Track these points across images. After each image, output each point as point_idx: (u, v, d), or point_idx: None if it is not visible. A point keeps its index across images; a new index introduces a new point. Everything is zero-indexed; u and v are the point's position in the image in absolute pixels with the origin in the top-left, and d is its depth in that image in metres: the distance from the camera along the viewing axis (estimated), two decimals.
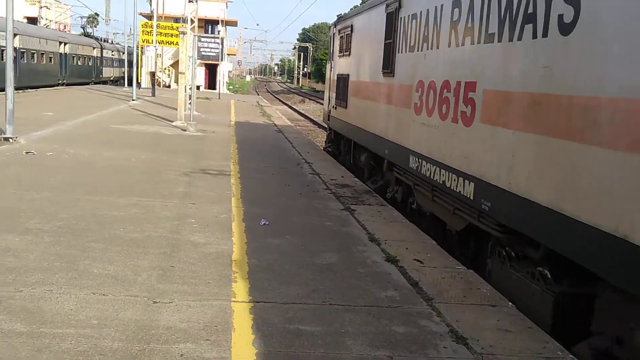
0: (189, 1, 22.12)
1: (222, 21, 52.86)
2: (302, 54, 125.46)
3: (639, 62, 4.13)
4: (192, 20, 22.37)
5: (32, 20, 52.30)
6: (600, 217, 4.41)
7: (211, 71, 52.85)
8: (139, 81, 44.01)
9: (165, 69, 52.29)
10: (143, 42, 39.97)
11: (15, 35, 30.25)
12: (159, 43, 34.97)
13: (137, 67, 37.18)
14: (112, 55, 58.98)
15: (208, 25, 54.16)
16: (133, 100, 30.24)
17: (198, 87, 42.90)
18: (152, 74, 41.29)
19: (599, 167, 4.49)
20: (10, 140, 13.24)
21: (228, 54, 59.55)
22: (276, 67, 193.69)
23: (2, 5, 14.38)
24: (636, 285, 4.01)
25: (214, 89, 48.43)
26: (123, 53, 62.78)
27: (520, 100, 5.71)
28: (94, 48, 50.86)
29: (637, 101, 4.11)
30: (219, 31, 51.75)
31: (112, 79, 57.89)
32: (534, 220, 5.33)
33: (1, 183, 9.11)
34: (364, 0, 10.53)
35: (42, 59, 36.65)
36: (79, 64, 46.16)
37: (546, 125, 5.22)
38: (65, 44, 41.96)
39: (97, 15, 71.70)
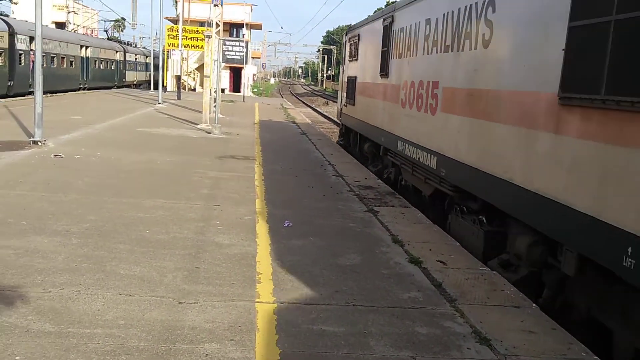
0: (214, 5, 22.30)
1: (246, 24, 53.21)
2: (326, 56, 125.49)
3: (521, 67, 6.30)
4: (217, 24, 22.56)
5: (60, 25, 53.15)
6: (500, 170, 6.55)
7: (236, 74, 53.16)
8: (165, 85, 44.47)
9: (190, 72, 52.71)
10: (169, 45, 40.36)
11: (32, 38, 30.54)
12: (185, 47, 35.29)
13: (163, 71, 37.55)
14: (136, 58, 58.77)
15: (233, 28, 54.48)
16: (159, 103, 30.59)
17: (223, 90, 43.21)
18: (178, 78, 41.64)
19: (500, 136, 6.66)
20: (39, 143, 13.49)
21: (252, 57, 59.88)
22: (300, 70, 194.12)
23: (30, 10, 14.65)
24: (527, 215, 6.01)
25: (239, 91, 48.71)
26: (147, 57, 63.16)
27: (462, 94, 7.92)
28: (116, 52, 50.54)
29: (518, 92, 6.30)
30: (243, 34, 52.09)
31: (135, 82, 57.61)
32: (471, 180, 7.45)
33: (31, 186, 9.30)
34: (379, 8, 11.65)
35: (62, 62, 36.03)
36: (101, 67, 45.78)
37: (474, 110, 7.45)
38: (86, 47, 41.65)
39: (124, 19, 72.64)
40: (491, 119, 6.92)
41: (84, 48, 40.84)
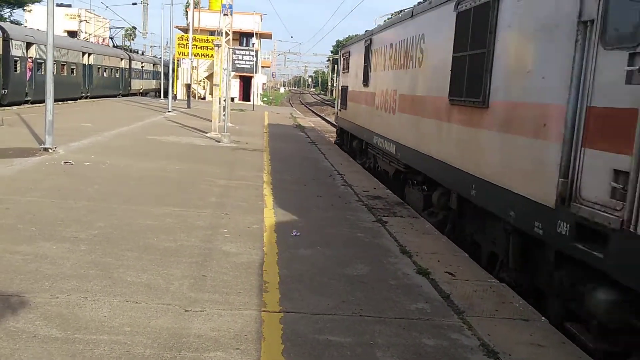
0: (224, 14, 22.40)
1: (256, 34, 53.47)
2: (335, 65, 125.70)
3: (434, 81, 9.32)
4: (226, 33, 22.66)
5: (72, 34, 53.51)
6: (426, 149, 9.61)
7: (245, 83, 53.37)
8: (175, 93, 44.64)
9: (200, 81, 52.96)
10: (179, 54, 40.54)
11: (30, 44, 29.49)
12: (195, 55, 35.38)
13: (173, 80, 37.69)
14: (142, 66, 57.57)
15: (243, 37, 54.75)
16: (168, 111, 30.74)
17: (232, 99, 43.35)
18: (188, 86, 41.86)
19: (425, 126, 9.80)
20: (50, 150, 13.57)
21: (262, 66, 60.14)
22: (310, 79, 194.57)
23: (44, 18, 14.77)
24: (437, 176, 9.05)
25: (248, 100, 48.86)
26: (155, 65, 62.90)
27: (408, 99, 11.10)
28: (121, 59, 49.21)
29: (434, 97, 9.34)
30: (253, 44, 52.35)
31: (141, 91, 56.42)
32: (414, 159, 10.54)
33: (41, 192, 9.35)
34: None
35: (62, 70, 34.08)
36: (104, 75, 44.31)
37: (414, 110, 10.58)
38: (89, 54, 40.20)
39: (135, 28, 73.13)
40: (422, 115, 10.10)
41: (86, 55, 39.60)
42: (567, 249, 5.28)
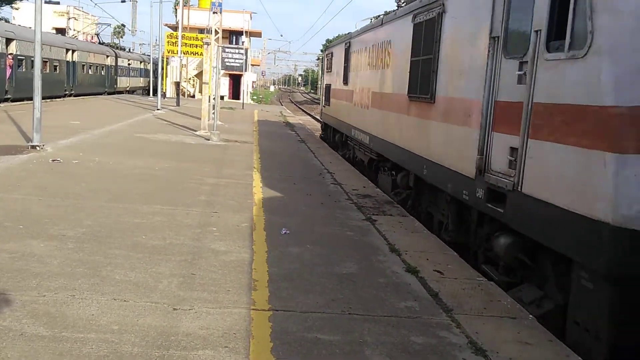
0: (213, 12, 22.36)
1: (246, 32, 53.35)
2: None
3: (397, 80, 11.03)
4: (216, 31, 22.61)
5: (61, 31, 53.16)
6: (392, 138, 11.26)
7: (235, 81, 53.25)
8: (164, 91, 44.45)
9: (189, 79, 52.80)
10: (168, 52, 40.40)
11: (10, 40, 28.18)
12: (184, 53, 35.32)
13: (163, 78, 37.50)
14: (129, 64, 56.47)
15: (232, 36, 54.64)
16: (158, 109, 30.61)
17: (222, 97, 43.26)
18: (177, 84, 41.72)
19: (391, 119, 11.40)
20: (38, 148, 13.48)
21: (252, 65, 60.00)
22: (300, 78, 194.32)
23: (31, 15, 14.65)
24: (400, 160, 10.78)
25: (238, 99, 48.80)
26: (142, 62, 62.07)
27: (379, 96, 12.77)
28: (107, 56, 47.93)
29: (397, 94, 10.99)
30: (243, 42, 52.22)
31: (128, 89, 55.39)
32: (383, 148, 12.20)
33: (28, 190, 9.28)
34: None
35: (45, 67, 32.06)
36: (89, 72, 42.97)
37: (383, 105, 12.32)
38: (73, 51, 38.73)
39: (124, 26, 72.77)
40: (389, 110, 11.77)
41: (70, 52, 38.18)
42: (482, 209, 6.98)
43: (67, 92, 37.68)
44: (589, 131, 5.07)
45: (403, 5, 11.87)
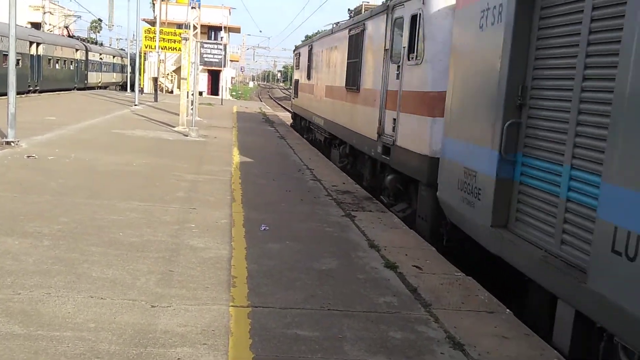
0: (192, 7, 22.19)
1: (225, 27, 53.01)
2: None
3: (340, 76, 14.96)
4: (194, 26, 22.44)
5: (36, 26, 52.29)
6: (338, 120, 15.22)
7: (214, 77, 52.93)
8: (142, 86, 43.99)
9: (168, 74, 52.34)
10: (146, 47, 39.93)
11: None
12: (162, 49, 34.92)
13: (140, 73, 37.07)
14: (101, 58, 53.55)
15: (211, 31, 54.25)
16: (135, 105, 30.33)
17: (200, 93, 42.94)
18: (155, 80, 41.33)
19: (337, 105, 15.33)
20: (12, 144, 13.27)
21: (231, 60, 59.64)
22: (279, 74, 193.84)
23: (5, 10, 14.40)
24: (342, 135, 14.76)
25: (217, 94, 48.49)
26: (115, 57, 60.43)
27: (330, 88, 16.38)
28: (76, 50, 45.20)
29: (339, 87, 15.02)
30: (221, 37, 51.90)
31: (100, 84, 52.63)
32: (334, 128, 15.82)
33: (2, 187, 9.14)
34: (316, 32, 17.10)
35: (5, 61, 28.62)
36: (56, 67, 40.22)
37: (332, 95, 16.14)
38: (37, 44, 35.93)
39: (101, 20, 71.92)
40: (335, 98, 15.72)
41: (34, 45, 35.36)
42: (380, 159, 10.92)
43: (31, 88, 35.20)
44: (422, 105, 8.93)
45: (353, 16, 15.14)
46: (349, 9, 16.20)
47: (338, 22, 16.94)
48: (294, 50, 27.88)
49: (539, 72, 5.63)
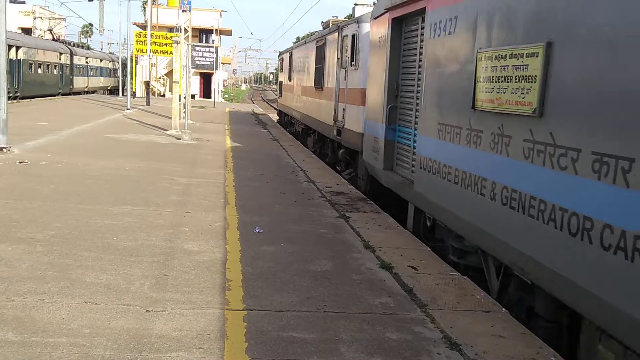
0: (183, 11, 22.15)
1: (216, 30, 52.96)
2: None
3: (312, 77, 19.27)
4: (185, 29, 22.40)
5: (27, 31, 52.03)
6: (309, 112, 19.69)
7: (206, 80, 52.86)
8: (134, 90, 43.87)
9: (159, 78, 52.22)
10: (137, 51, 39.84)
11: None
12: (153, 52, 34.85)
13: (132, 77, 36.95)
14: (87, 62, 52.13)
15: (202, 34, 54.20)
16: (127, 109, 30.24)
17: (193, 96, 42.85)
18: (147, 83, 41.22)
19: (308, 101, 20.01)
20: (4, 150, 13.21)
21: (223, 63, 59.58)
22: (271, 76, 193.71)
23: None
24: (313, 125, 19.08)
25: (209, 97, 48.43)
26: (103, 60, 59.96)
27: (305, 88, 20.63)
28: (61, 54, 44.14)
29: (310, 86, 19.44)
30: (213, 40, 51.83)
31: (87, 89, 51.30)
32: (306, 120, 20.43)
33: None
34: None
35: None
36: (39, 72, 39.00)
37: (305, 93, 20.57)
38: (18, 47, 34.75)
39: (91, 25, 71.68)
40: (307, 96, 19.73)
41: (14, 49, 33.96)
42: (336, 140, 14.64)
43: (10, 94, 33.07)
44: (359, 98, 12.26)
45: (324, 28, 18.38)
46: (322, 22, 19.82)
47: (314, 32, 22.22)
48: (279, 55, 32.65)
49: (404, 75, 9.12)
